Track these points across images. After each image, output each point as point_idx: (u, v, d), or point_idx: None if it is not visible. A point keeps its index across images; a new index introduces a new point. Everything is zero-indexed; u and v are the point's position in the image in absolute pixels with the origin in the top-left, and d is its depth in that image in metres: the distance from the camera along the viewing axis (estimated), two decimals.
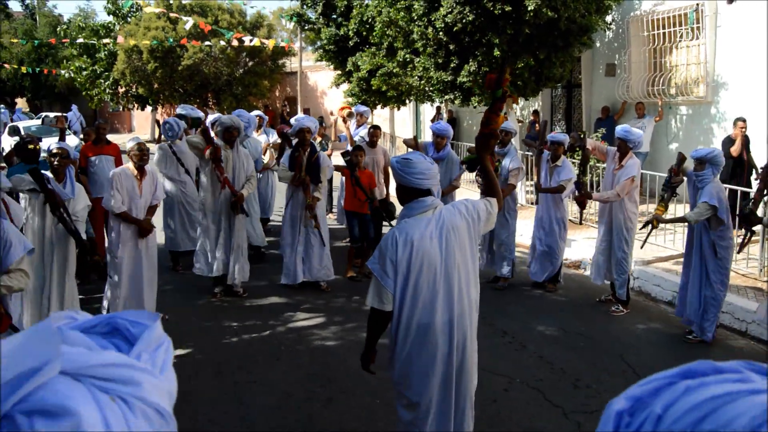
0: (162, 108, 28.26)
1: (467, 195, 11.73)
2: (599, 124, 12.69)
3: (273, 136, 10.20)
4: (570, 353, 5.77)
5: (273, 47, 23.06)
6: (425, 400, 3.29)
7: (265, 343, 5.99)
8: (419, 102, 17.00)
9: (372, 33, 13.57)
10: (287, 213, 7.46)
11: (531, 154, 10.93)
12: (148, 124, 30.54)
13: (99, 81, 27.75)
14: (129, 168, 6.23)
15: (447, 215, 3.28)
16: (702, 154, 5.83)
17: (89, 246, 5.45)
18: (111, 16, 27.86)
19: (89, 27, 28.07)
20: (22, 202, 5.66)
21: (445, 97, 12.26)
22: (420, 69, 11.91)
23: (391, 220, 7.72)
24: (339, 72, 17.67)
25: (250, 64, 26.17)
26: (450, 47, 10.87)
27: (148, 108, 28.81)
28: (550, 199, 7.46)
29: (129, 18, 27.26)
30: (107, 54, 27.05)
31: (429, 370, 3.26)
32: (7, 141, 19.45)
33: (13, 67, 31.40)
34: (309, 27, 18.41)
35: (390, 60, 13.52)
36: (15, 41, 30.80)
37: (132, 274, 6.24)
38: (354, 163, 7.52)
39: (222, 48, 24.04)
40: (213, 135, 7.19)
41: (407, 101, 16.47)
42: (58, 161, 5.62)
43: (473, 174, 8.38)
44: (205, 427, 4.44)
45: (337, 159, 9.83)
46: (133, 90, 26.99)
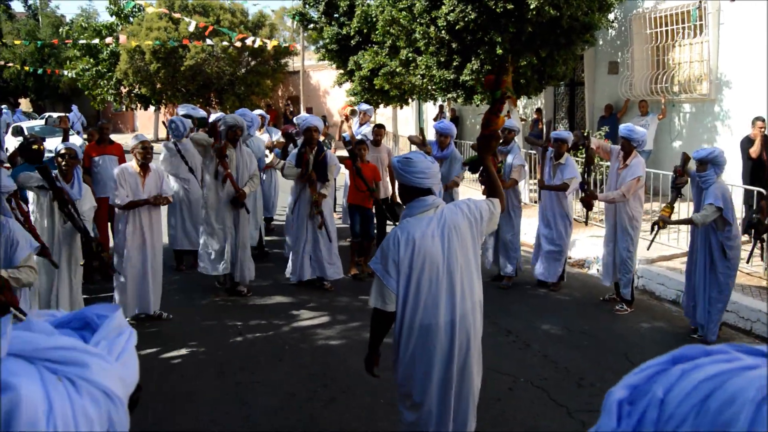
0: (165, 108, 28.29)
1: (469, 192, 11.72)
2: (602, 122, 12.67)
3: (276, 135, 10.21)
4: (574, 352, 5.75)
5: (275, 46, 23.06)
6: (428, 400, 3.28)
7: (269, 343, 5.98)
8: (422, 101, 17.00)
9: (374, 31, 13.57)
10: (295, 211, 7.46)
11: (535, 152, 10.90)
12: (151, 124, 30.57)
13: (102, 81, 27.80)
14: (132, 165, 6.24)
15: (449, 214, 3.26)
16: (703, 155, 5.77)
17: (96, 244, 5.44)
18: (113, 16, 27.90)
19: (91, 27, 28.10)
20: (30, 197, 5.67)
21: (448, 96, 12.25)
22: (422, 67, 11.89)
23: (397, 220, 7.72)
24: (341, 71, 17.67)
25: (252, 63, 26.19)
26: (452, 46, 10.86)
27: (151, 108, 28.86)
28: (554, 197, 7.44)
29: (131, 19, 27.30)
30: (110, 54, 27.09)
31: (431, 370, 3.25)
32: (11, 141, 19.49)
33: (17, 68, 31.46)
34: (311, 26, 18.41)
35: (393, 59, 13.51)
36: (18, 42, 30.87)
37: (138, 273, 6.26)
38: (356, 154, 7.50)
39: (224, 48, 24.05)
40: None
41: (410, 100, 16.46)
42: (66, 161, 5.61)
43: (476, 174, 8.36)
44: (208, 427, 4.44)
45: (342, 153, 9.82)
46: (136, 90, 27.02)
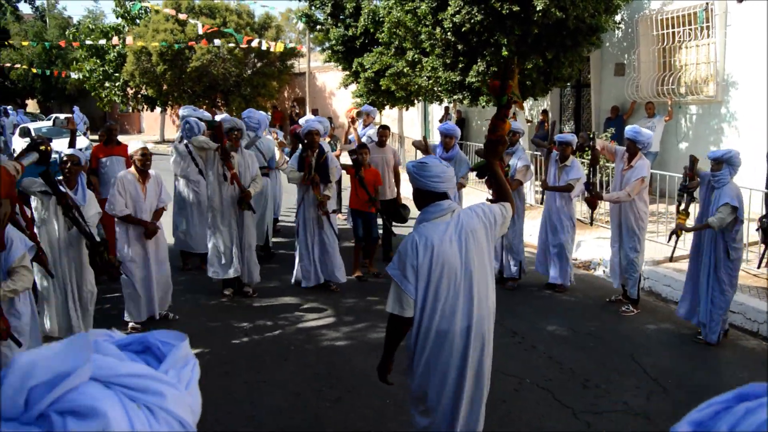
0: (171, 109, 28.37)
1: (475, 193, 11.71)
2: (608, 123, 12.65)
3: (279, 136, 10.31)
4: (580, 353, 5.74)
5: (281, 51, 23.09)
6: (441, 406, 3.27)
7: (274, 343, 5.99)
8: (428, 102, 16.99)
9: (381, 31, 13.58)
10: (300, 215, 7.49)
11: (540, 154, 10.89)
12: (157, 125, 30.67)
13: (109, 83, 27.90)
14: (132, 172, 6.25)
15: (465, 219, 3.24)
16: (719, 154, 5.77)
17: (103, 246, 5.44)
18: (120, 18, 28.00)
19: (98, 29, 28.22)
20: (33, 203, 5.69)
21: (454, 97, 12.25)
22: (428, 69, 11.90)
23: (402, 222, 7.74)
24: (347, 73, 17.69)
25: (258, 65, 26.24)
26: (458, 47, 10.86)
27: (157, 109, 28.95)
28: (558, 198, 7.43)
29: (138, 21, 27.39)
30: (116, 56, 27.20)
31: (446, 376, 3.23)
32: (18, 142, 19.58)
33: (24, 69, 31.63)
34: (318, 28, 18.43)
35: (399, 60, 13.52)
36: (25, 43, 31.03)
37: (142, 277, 6.27)
38: (360, 163, 7.57)
39: (230, 49, 24.11)
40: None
41: (415, 101, 16.46)
42: (69, 168, 5.63)
43: (482, 178, 8.35)
44: (214, 427, 4.45)
45: (345, 158, 9.85)
46: (143, 91, 27.12)
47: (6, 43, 33.11)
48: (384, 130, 8.75)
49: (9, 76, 34.67)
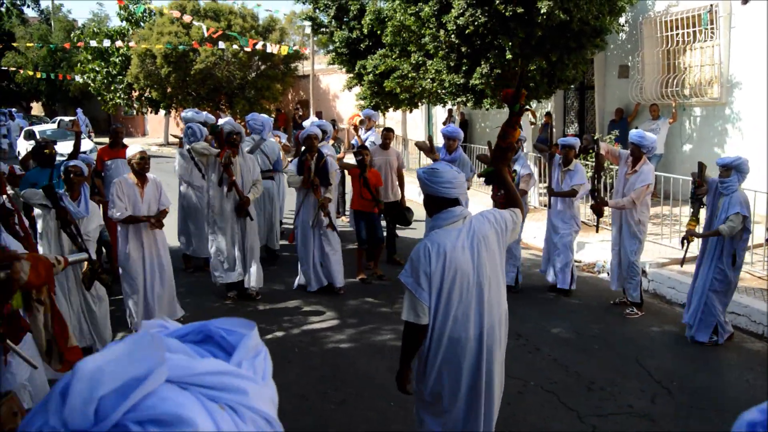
0: (175, 112, 28.43)
1: (478, 196, 11.71)
2: (612, 126, 12.63)
3: (282, 139, 10.35)
4: (584, 356, 5.74)
5: (285, 55, 23.12)
6: (453, 414, 3.27)
7: (279, 346, 6.00)
8: (431, 105, 16.99)
9: (384, 33, 13.59)
10: (300, 218, 7.51)
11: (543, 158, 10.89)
12: (161, 128, 30.73)
13: (113, 85, 27.98)
14: (130, 176, 6.25)
15: (477, 225, 3.23)
16: (728, 161, 5.74)
17: (99, 264, 5.42)
18: (124, 22, 28.09)
19: (103, 32, 28.31)
20: (36, 213, 5.70)
21: (458, 100, 12.26)
22: (432, 72, 11.91)
23: (406, 225, 7.75)
24: (351, 75, 17.71)
25: (262, 67, 26.28)
26: (462, 50, 10.87)
27: (161, 112, 29.01)
28: (561, 200, 7.41)
29: (142, 24, 27.47)
30: (121, 59, 27.28)
31: (459, 382, 3.23)
32: (23, 145, 19.66)
33: (29, 72, 31.75)
34: (322, 30, 18.46)
35: (403, 62, 13.53)
36: (30, 46, 31.12)
37: (144, 281, 6.26)
38: (365, 165, 7.63)
39: (234, 52, 24.16)
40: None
41: (419, 104, 16.47)
42: (72, 179, 5.61)
43: (489, 185, 8.34)
44: None
45: (350, 159, 9.85)
46: (147, 94, 27.19)
47: (11, 45, 33.21)
48: (388, 132, 8.78)
49: (14, 79, 34.80)
